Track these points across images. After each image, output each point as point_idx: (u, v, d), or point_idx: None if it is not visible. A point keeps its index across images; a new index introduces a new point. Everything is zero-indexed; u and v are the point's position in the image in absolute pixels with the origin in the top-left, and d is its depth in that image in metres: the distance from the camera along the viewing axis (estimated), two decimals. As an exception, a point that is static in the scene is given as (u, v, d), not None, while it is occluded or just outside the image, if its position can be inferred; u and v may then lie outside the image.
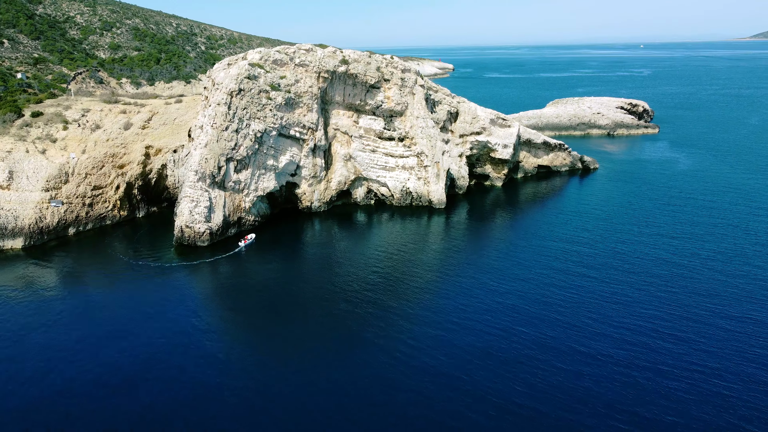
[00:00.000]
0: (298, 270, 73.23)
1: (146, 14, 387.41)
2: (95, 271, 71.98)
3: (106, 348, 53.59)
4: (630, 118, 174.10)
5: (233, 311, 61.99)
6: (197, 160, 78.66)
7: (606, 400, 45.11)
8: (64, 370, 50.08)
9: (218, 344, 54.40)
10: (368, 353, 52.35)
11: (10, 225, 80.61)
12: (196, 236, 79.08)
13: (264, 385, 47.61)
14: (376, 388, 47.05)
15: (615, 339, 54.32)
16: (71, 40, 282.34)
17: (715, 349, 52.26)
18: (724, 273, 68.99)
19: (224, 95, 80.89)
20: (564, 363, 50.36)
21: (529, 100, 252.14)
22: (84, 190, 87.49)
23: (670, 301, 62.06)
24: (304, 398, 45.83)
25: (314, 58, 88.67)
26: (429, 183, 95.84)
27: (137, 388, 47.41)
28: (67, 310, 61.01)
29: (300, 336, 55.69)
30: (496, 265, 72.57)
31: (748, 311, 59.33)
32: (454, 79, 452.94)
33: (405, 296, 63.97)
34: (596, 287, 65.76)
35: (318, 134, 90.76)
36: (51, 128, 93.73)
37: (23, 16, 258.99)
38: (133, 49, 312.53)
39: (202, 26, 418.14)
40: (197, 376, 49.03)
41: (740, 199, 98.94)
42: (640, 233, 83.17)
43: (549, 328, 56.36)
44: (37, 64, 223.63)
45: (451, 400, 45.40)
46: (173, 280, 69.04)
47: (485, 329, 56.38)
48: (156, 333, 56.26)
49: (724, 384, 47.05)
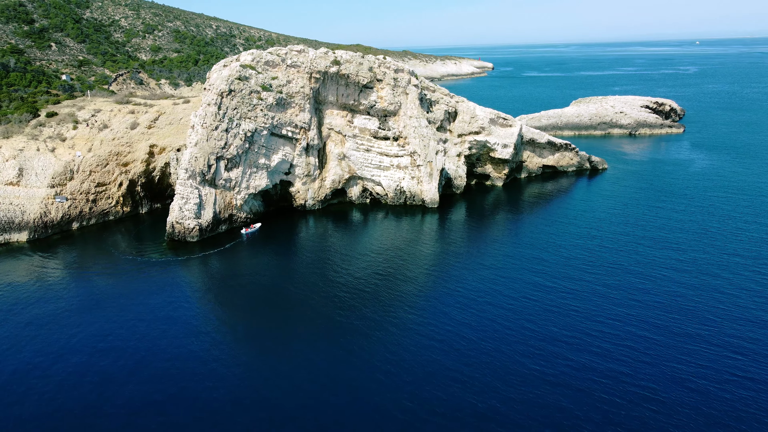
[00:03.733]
0: (285, 266, 74.87)
1: (187, 17, 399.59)
2: (81, 264, 75.61)
3: (75, 341, 56.66)
4: (654, 118, 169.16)
5: (214, 305, 63.90)
6: (187, 158, 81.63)
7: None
8: (32, 362, 53.29)
9: (188, 339, 56.55)
10: (357, 348, 53.39)
11: (17, 219, 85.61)
12: (185, 232, 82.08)
13: (247, 382, 49.42)
14: (365, 383, 47.94)
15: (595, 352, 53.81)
16: (115, 43, 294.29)
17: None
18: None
19: (215, 96, 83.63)
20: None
21: (560, 100, 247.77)
22: (88, 186, 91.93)
23: (663, 310, 60.87)
24: (293, 391, 47.14)
25: (306, 59, 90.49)
26: (422, 182, 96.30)
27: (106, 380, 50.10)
28: (38, 303, 64.60)
29: (282, 329, 57.18)
30: (479, 265, 72.61)
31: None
32: (490, 78, 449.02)
33: (392, 292, 64.89)
34: (557, 299, 65.01)
35: (311, 134, 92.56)
36: (62, 128, 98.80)
37: (71, 21, 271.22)
38: (173, 50, 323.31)
39: (241, 28, 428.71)
40: (171, 369, 51.23)
41: (745, 201, 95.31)
42: (626, 237, 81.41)
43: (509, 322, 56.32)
44: (81, 66, 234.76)
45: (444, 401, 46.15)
46: (157, 275, 71.88)
47: (456, 322, 56.80)
48: (124, 324, 59.03)
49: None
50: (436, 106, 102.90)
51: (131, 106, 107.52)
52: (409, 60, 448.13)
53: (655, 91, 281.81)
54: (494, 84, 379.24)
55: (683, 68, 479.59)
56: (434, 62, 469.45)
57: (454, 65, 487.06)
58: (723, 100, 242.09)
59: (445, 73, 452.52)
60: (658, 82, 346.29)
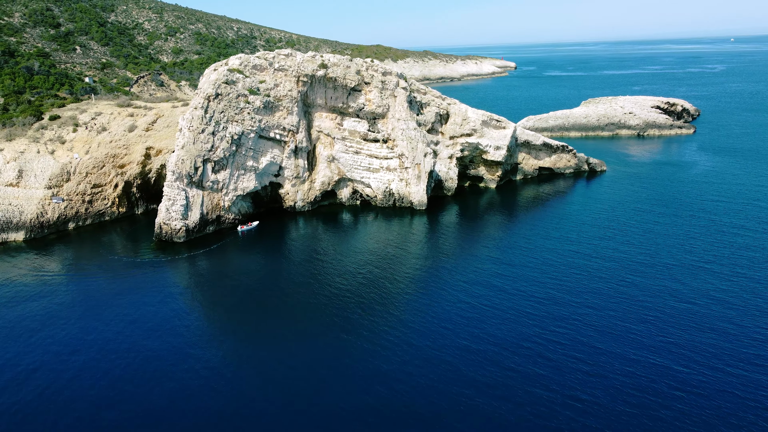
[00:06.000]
0: (270, 265, 76.18)
1: (209, 19, 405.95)
2: (67, 264, 78.12)
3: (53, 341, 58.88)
4: (664, 118, 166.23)
5: (192, 304, 65.33)
6: (174, 161, 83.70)
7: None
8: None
9: (152, 341, 58.30)
10: (340, 347, 54.55)
11: (15, 219, 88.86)
12: (172, 233, 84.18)
13: (230, 382, 50.96)
14: (353, 379, 49.09)
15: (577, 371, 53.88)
16: (138, 46, 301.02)
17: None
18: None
19: (201, 99, 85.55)
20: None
21: (576, 100, 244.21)
22: (84, 188, 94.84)
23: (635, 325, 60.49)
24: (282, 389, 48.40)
25: (293, 62, 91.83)
26: (410, 184, 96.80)
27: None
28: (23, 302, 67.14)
29: (263, 328, 58.60)
30: (461, 267, 72.96)
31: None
32: (511, 77, 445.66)
33: (376, 292, 65.83)
34: (536, 308, 64.92)
35: (299, 136, 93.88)
36: (63, 130, 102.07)
37: (95, 24, 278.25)
38: (194, 52, 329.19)
39: (262, 29, 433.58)
40: (149, 368, 53.04)
41: (737, 206, 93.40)
42: (604, 242, 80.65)
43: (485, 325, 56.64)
44: (104, 68, 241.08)
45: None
46: (138, 275, 73.92)
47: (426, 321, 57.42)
48: (99, 324, 61.09)
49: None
50: (427, 109, 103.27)
51: (131, 109, 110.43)
52: (429, 60, 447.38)
53: (675, 91, 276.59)
54: (513, 84, 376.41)
55: (710, 66, 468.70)
56: (455, 62, 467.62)
57: (474, 65, 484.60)
58: (744, 101, 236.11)
59: (465, 72, 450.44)
60: (680, 81, 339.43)
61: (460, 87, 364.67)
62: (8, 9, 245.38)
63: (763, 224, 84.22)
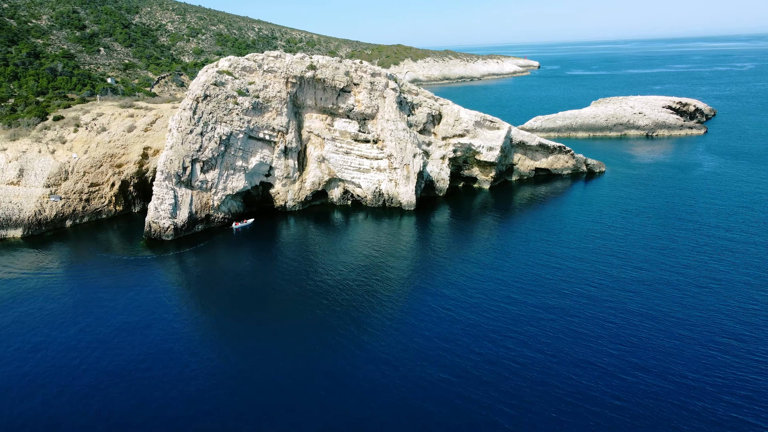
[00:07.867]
0: (256, 264, 77.62)
1: (231, 20, 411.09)
2: (53, 261, 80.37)
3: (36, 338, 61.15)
4: (674, 118, 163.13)
5: (175, 302, 66.71)
6: (163, 160, 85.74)
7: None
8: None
9: (138, 337, 60.02)
10: (328, 344, 55.58)
11: (14, 216, 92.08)
12: (161, 231, 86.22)
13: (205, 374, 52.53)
14: (337, 379, 49.88)
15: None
16: (160, 47, 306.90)
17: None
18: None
19: (190, 100, 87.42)
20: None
21: (591, 100, 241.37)
22: (81, 186, 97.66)
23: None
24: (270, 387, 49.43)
25: (282, 64, 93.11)
26: (399, 185, 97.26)
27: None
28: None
29: (247, 324, 59.86)
30: (445, 267, 73.33)
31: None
32: (532, 77, 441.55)
33: (364, 289, 66.78)
34: (522, 310, 64.91)
35: (288, 137, 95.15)
36: (64, 131, 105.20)
37: (120, 26, 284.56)
38: (214, 53, 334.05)
39: (283, 30, 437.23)
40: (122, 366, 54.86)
41: (731, 209, 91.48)
42: (589, 245, 79.94)
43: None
44: (126, 69, 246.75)
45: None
46: (125, 272, 75.86)
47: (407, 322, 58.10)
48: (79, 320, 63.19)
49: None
50: (419, 109, 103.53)
51: (132, 110, 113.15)
52: (449, 59, 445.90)
53: (696, 90, 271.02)
54: (533, 83, 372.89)
55: (739, 65, 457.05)
56: (475, 61, 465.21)
57: (496, 64, 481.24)
58: (767, 100, 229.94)
59: (486, 72, 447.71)
60: (704, 80, 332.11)
61: (479, 86, 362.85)
62: (36, 12, 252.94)
63: (748, 228, 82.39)
